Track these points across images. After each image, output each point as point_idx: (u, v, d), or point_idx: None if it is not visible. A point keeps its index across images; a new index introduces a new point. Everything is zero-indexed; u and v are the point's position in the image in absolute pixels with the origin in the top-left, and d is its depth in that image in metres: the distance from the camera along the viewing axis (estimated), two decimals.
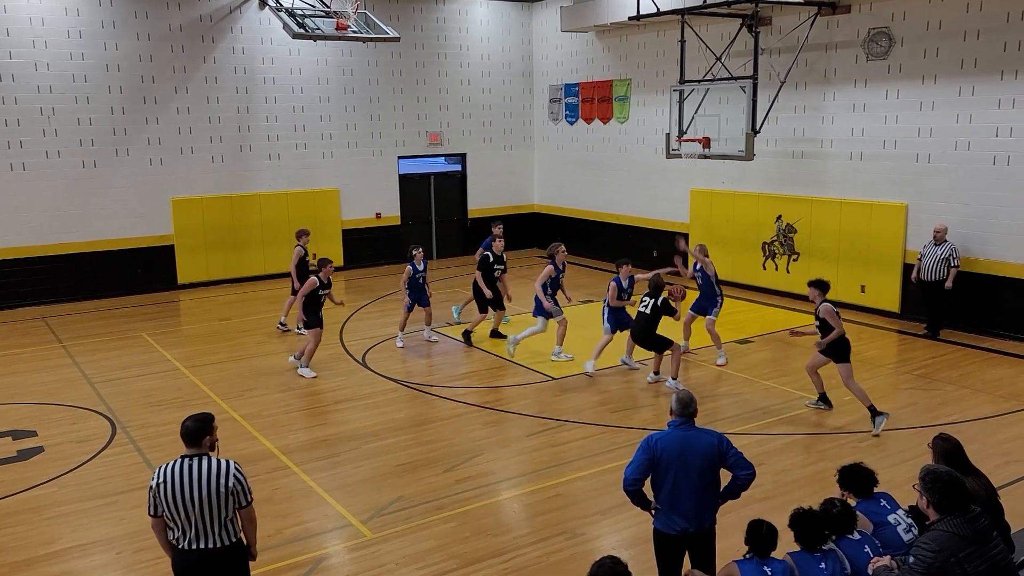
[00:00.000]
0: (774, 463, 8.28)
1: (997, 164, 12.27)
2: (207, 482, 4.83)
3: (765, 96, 14.03)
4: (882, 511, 5.18)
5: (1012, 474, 7.86)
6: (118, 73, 16.23)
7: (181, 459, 4.91)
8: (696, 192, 17.06)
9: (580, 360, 11.44)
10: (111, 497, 7.87)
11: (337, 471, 8.38)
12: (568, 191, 20.68)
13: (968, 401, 10.01)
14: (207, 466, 4.87)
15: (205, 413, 5.12)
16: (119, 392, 10.90)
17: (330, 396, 10.68)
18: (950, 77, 12.70)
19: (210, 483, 4.83)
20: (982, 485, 5.48)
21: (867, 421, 9.18)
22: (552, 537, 6.97)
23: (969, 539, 4.29)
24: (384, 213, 19.63)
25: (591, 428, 9.38)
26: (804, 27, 14.22)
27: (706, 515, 5.26)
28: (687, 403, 5.28)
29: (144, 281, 16.89)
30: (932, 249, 12.41)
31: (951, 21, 12.60)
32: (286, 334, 13.59)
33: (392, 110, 19.36)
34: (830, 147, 14.54)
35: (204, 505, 4.83)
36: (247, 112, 17.60)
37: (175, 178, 17.00)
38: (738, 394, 10.42)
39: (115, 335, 13.84)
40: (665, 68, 17.26)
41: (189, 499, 4.81)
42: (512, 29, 20.81)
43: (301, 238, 13.51)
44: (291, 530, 7.18)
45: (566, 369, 11.47)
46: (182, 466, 4.86)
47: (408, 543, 6.90)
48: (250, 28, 17.42)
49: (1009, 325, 12.39)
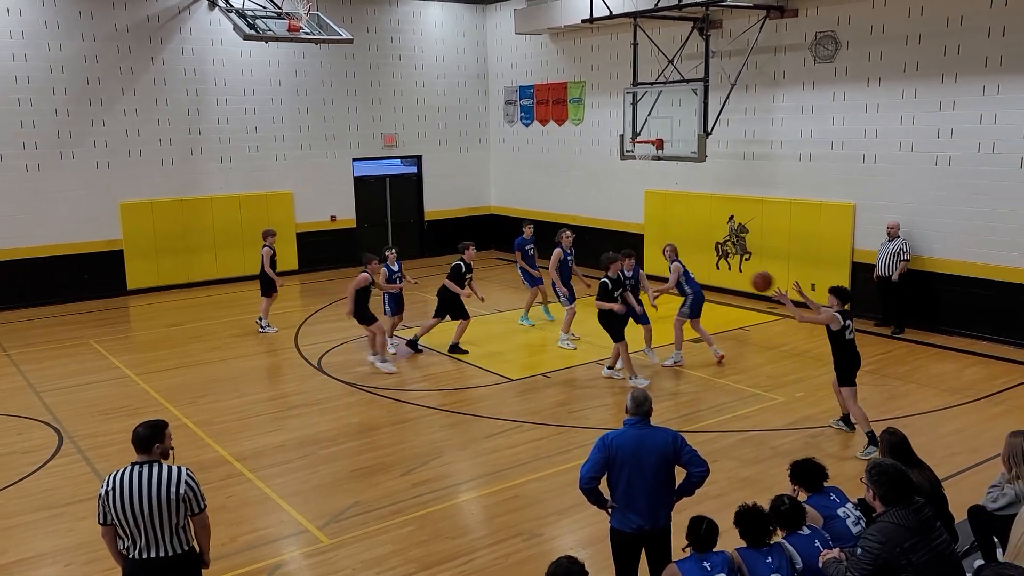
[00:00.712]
0: (728, 460, 8.40)
1: (939, 164, 12.61)
2: (157, 490, 4.73)
3: (716, 98, 14.23)
4: (832, 505, 5.29)
5: (956, 465, 8.08)
6: (62, 75, 15.86)
7: (131, 466, 4.80)
8: (650, 193, 17.24)
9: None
10: (58, 508, 7.68)
11: (292, 477, 8.29)
12: (524, 193, 20.73)
13: (915, 395, 10.26)
14: (157, 473, 4.77)
15: (158, 420, 5.03)
16: (66, 401, 10.64)
17: (285, 401, 10.56)
18: (894, 80, 13.02)
19: (160, 491, 4.74)
20: (927, 477, 5.65)
21: (818, 418, 9.37)
22: (510, 538, 6.98)
23: (913, 530, 4.41)
24: (339, 216, 19.47)
25: (548, 428, 9.41)
26: (753, 30, 14.46)
27: (661, 513, 5.31)
28: (641, 402, 5.34)
29: (92, 287, 16.51)
30: (886, 245, 12.78)
31: (894, 25, 12.92)
32: (263, 334, 13.65)
33: (346, 112, 19.22)
34: (780, 148, 14.80)
35: (155, 513, 4.73)
36: (197, 114, 17.32)
37: (123, 182, 16.66)
38: (692, 392, 10.55)
39: (61, 343, 13.51)
40: (618, 70, 17.40)
41: (139, 507, 4.71)
42: (466, 31, 20.80)
43: (268, 238, 13.65)
44: (246, 537, 7.09)
45: (524, 370, 11.50)
46: (132, 474, 4.76)
47: (365, 548, 6.85)
48: (200, 29, 17.15)
49: (952, 321, 12.73)
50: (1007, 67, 11.70)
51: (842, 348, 8.49)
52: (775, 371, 11.28)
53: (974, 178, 12.25)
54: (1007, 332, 12.15)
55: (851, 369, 8.55)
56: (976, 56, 12.01)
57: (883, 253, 12.80)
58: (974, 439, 8.83)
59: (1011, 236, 11.96)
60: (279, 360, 12.28)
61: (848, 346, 8.50)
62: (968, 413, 9.65)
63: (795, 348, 12.29)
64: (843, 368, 8.56)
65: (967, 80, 12.15)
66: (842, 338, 8.45)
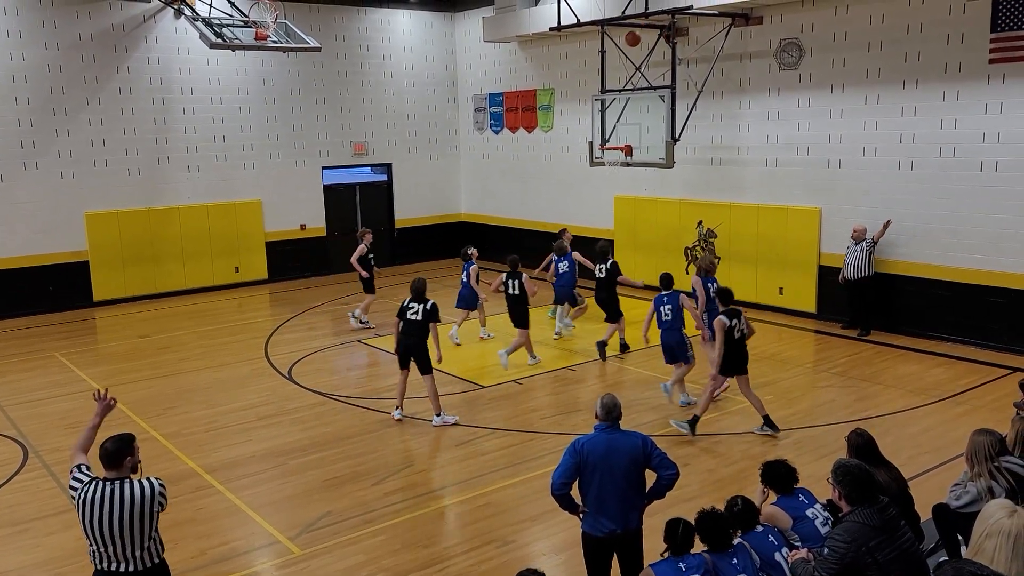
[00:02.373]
0: (698, 464, 8.47)
1: (902, 169, 12.83)
2: (131, 509, 4.64)
3: (683, 105, 14.37)
4: (801, 506, 5.36)
5: (922, 465, 8.21)
6: (25, 84, 15.63)
7: (102, 483, 4.68)
8: (620, 199, 17.35)
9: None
10: (24, 524, 7.55)
11: (263, 488, 8.22)
12: (495, 200, 20.77)
13: (882, 396, 10.42)
14: (130, 492, 4.66)
15: (124, 433, 4.90)
16: (31, 415, 10.47)
17: (255, 412, 10.47)
18: (857, 86, 13.24)
19: (133, 509, 4.64)
20: (893, 477, 5.74)
21: (788, 420, 9.50)
22: (483, 546, 6.98)
23: (879, 529, 4.49)
24: (309, 224, 19.36)
25: (520, 435, 9.42)
26: (719, 38, 14.63)
27: (632, 516, 5.35)
28: (611, 408, 5.38)
29: (56, 299, 16.26)
30: (853, 248, 12.94)
31: (856, 32, 13.14)
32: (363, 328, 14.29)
33: (315, 120, 19.14)
34: (746, 154, 14.98)
35: (127, 531, 4.65)
36: (164, 123, 17.15)
37: (88, 192, 16.44)
38: (663, 397, 10.61)
39: (26, 356, 13.29)
40: (587, 78, 17.51)
41: (109, 525, 4.62)
42: (435, 39, 20.82)
43: (364, 237, 14.35)
44: (216, 550, 7.02)
45: (495, 377, 11.51)
46: (104, 492, 4.64)
47: (337, 558, 6.82)
48: (166, 38, 17.00)
49: (917, 322, 12.95)
50: (966, 73, 11.95)
51: (729, 344, 9.02)
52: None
53: (936, 182, 12.48)
54: (969, 333, 12.38)
55: (735, 362, 9.10)
56: (936, 63, 12.25)
57: (851, 257, 12.98)
58: (940, 438, 8.98)
59: (972, 239, 12.19)
60: (249, 370, 12.17)
61: (736, 344, 9.07)
62: (934, 413, 9.81)
63: (764, 351, 12.42)
64: (726, 360, 9.08)
65: (927, 86, 12.39)
66: (731, 337, 9.01)
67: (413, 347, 9.58)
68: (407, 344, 9.61)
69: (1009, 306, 11.94)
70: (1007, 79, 11.56)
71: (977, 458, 5.61)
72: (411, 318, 9.60)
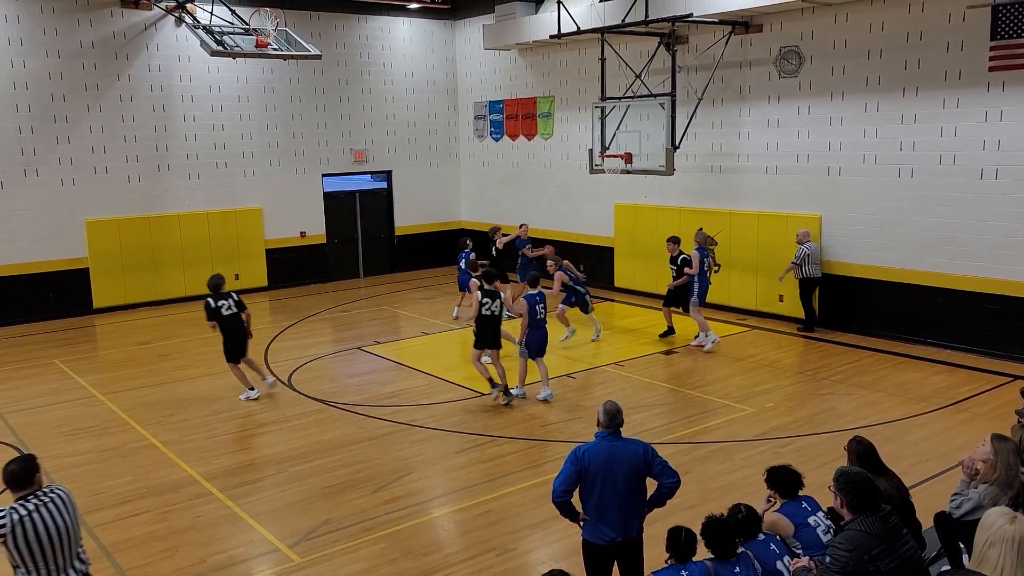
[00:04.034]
0: (699, 471, 8.44)
1: (902, 176, 12.84)
2: (65, 512, 4.74)
3: (683, 112, 14.39)
4: (803, 513, 5.34)
5: (924, 472, 8.19)
6: (26, 91, 15.65)
7: (23, 503, 4.65)
8: (620, 206, 17.35)
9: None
10: None
11: (262, 496, 8.19)
12: (495, 207, 20.77)
13: (882, 404, 10.39)
14: (53, 500, 4.72)
15: (25, 454, 4.98)
16: (30, 422, 10.44)
17: (254, 419, 10.45)
18: (856, 94, 13.26)
19: (67, 512, 4.75)
20: (894, 485, 5.71)
21: (789, 428, 9.45)
22: (483, 554, 6.95)
23: (881, 537, 4.47)
24: (309, 232, 19.36)
25: (520, 443, 9.40)
26: (719, 45, 14.66)
27: (633, 524, 5.33)
28: (614, 414, 5.36)
29: (57, 306, 16.25)
30: (800, 250, 13.44)
31: (856, 40, 13.17)
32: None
33: (315, 128, 19.16)
34: (746, 161, 14.99)
35: (67, 539, 4.72)
36: (164, 131, 17.17)
37: (89, 199, 16.44)
38: (663, 404, 10.60)
39: (25, 363, 13.27)
40: (587, 85, 17.54)
41: (49, 539, 4.63)
42: (435, 47, 20.86)
43: (496, 233, 15.70)
44: (215, 558, 6.99)
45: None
46: (32, 509, 4.63)
47: (337, 566, 6.79)
48: (166, 46, 17.03)
49: (918, 330, 12.93)
50: (965, 81, 11.97)
51: (480, 320, 10.50)
52: (744, 382, 11.38)
53: (936, 189, 12.48)
54: (969, 340, 12.36)
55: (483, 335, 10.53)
56: (936, 70, 12.27)
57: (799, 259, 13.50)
58: (941, 446, 8.95)
59: (971, 246, 12.19)
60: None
61: (484, 319, 10.53)
62: (935, 421, 9.79)
63: (764, 359, 12.41)
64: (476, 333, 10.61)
65: (927, 94, 12.41)
66: (480, 313, 10.43)
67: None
68: None
69: (1009, 313, 11.92)
70: (1007, 87, 11.57)
71: (1008, 462, 5.51)
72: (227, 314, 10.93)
